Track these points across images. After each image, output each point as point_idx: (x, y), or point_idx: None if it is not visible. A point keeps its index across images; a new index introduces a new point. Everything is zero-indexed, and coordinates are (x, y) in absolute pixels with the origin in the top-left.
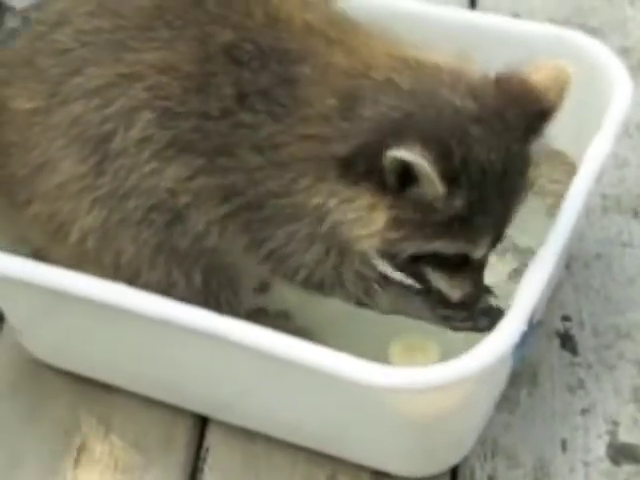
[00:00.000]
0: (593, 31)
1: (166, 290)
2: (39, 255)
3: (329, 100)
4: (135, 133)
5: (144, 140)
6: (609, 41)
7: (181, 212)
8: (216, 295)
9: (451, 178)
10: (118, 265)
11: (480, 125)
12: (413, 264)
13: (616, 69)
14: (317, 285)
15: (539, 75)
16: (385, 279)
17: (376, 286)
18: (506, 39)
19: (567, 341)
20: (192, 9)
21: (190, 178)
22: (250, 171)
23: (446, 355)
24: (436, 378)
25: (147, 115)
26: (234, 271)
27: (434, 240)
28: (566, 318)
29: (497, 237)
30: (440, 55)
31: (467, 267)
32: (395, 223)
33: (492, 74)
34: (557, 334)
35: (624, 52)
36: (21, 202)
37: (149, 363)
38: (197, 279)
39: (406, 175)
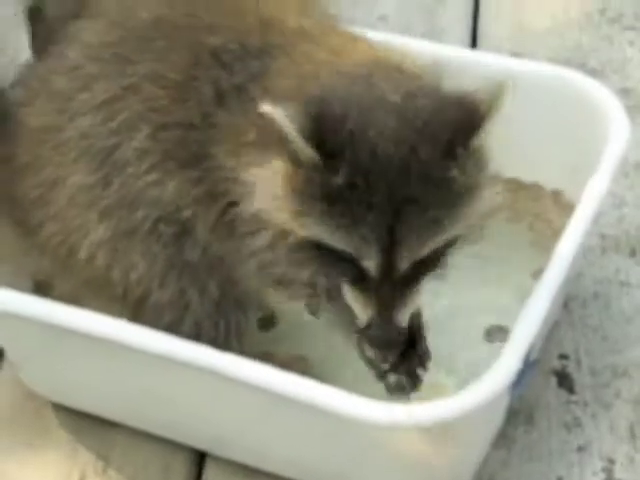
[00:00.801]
0: (593, 72)
1: (177, 311)
2: (40, 290)
3: (287, 82)
4: (136, 144)
5: (143, 152)
6: (610, 82)
7: (187, 224)
8: (227, 315)
9: (335, 149)
10: (128, 284)
11: (393, 117)
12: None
13: (614, 109)
14: (283, 286)
15: (479, 91)
16: (335, 291)
17: (324, 297)
18: (506, 79)
19: (564, 379)
20: (187, 19)
21: (189, 191)
22: (223, 168)
23: None
24: (432, 415)
25: (144, 127)
26: (241, 285)
27: (321, 223)
28: (563, 356)
29: (390, 253)
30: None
31: (370, 286)
32: (295, 193)
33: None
34: (554, 372)
35: (624, 93)
36: (34, 226)
37: (148, 399)
38: (213, 293)
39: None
